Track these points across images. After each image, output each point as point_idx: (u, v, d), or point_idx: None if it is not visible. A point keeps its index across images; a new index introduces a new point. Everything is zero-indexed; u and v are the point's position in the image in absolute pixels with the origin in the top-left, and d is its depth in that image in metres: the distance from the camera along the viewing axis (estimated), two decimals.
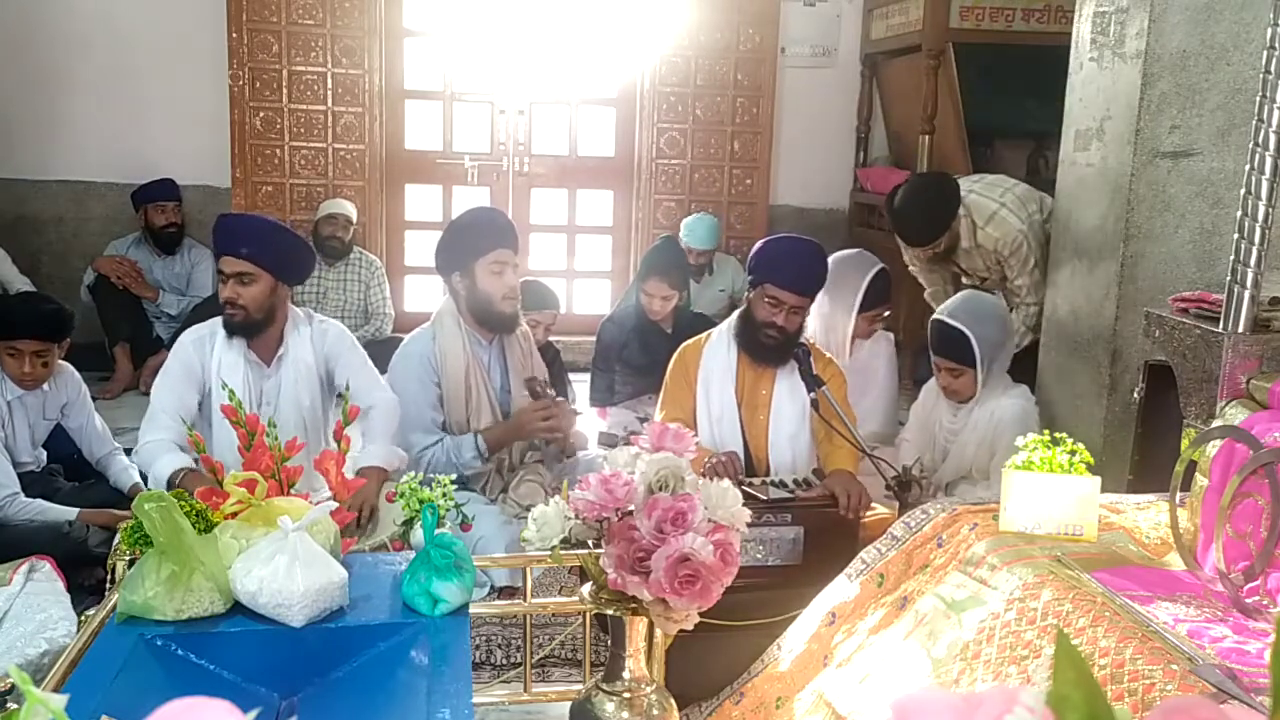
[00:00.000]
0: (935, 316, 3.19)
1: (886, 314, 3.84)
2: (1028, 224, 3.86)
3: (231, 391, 2.14)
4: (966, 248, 3.96)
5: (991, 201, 3.92)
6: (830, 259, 3.37)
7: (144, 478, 3.11)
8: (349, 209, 5.48)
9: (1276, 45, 2.04)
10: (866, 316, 3.80)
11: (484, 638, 2.76)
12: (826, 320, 3.82)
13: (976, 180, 4.12)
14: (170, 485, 2.69)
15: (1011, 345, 3.27)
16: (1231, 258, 2.14)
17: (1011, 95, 5.23)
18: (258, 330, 2.93)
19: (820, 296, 3.27)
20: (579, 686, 2.10)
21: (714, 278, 5.38)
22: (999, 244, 3.88)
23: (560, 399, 3.35)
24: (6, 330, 3.21)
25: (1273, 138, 2.06)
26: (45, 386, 3.31)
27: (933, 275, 4.31)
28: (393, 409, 3.01)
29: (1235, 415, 1.98)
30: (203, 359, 2.92)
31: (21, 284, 4.96)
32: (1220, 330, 2.17)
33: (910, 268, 4.35)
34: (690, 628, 1.65)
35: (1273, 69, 2.04)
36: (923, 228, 3.98)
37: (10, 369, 3.21)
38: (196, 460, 2.85)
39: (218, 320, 2.98)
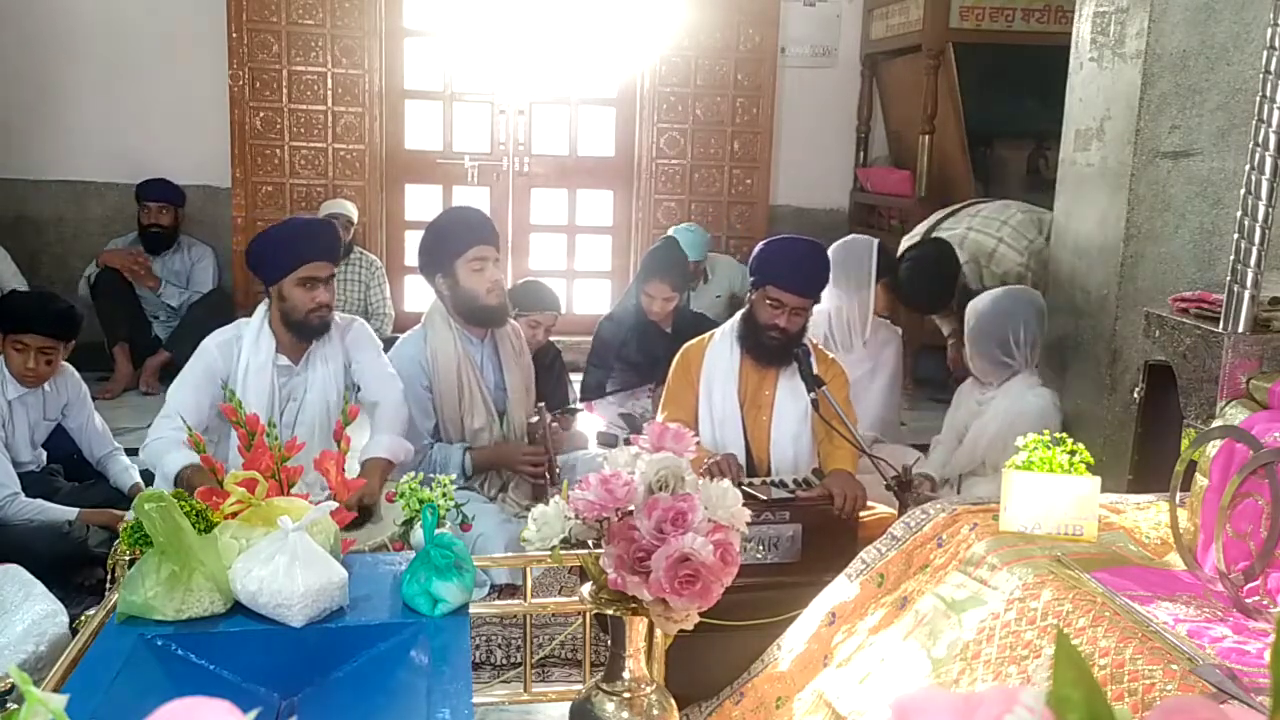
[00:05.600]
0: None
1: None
2: (1027, 254, 3.89)
3: (231, 392, 2.14)
4: (975, 289, 3.97)
5: (989, 238, 3.95)
6: (830, 251, 3.43)
7: (145, 476, 3.11)
8: (349, 209, 5.49)
9: (1276, 45, 2.04)
10: (884, 284, 3.90)
11: (484, 638, 2.76)
12: (844, 308, 3.84)
13: (974, 214, 4.12)
14: (178, 480, 2.71)
15: (1011, 343, 3.27)
16: (1231, 258, 2.14)
17: (1011, 95, 5.23)
18: (326, 328, 2.98)
19: (829, 290, 3.31)
20: (579, 686, 2.10)
21: (709, 285, 5.33)
22: (1004, 278, 3.92)
23: (555, 424, 3.39)
24: (15, 324, 3.22)
25: (1273, 138, 2.05)
26: (46, 386, 3.31)
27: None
28: (402, 403, 3.03)
29: (1235, 415, 1.98)
30: (228, 364, 2.92)
31: (17, 284, 4.95)
32: (1220, 330, 2.17)
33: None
34: (690, 628, 1.65)
35: (1273, 69, 2.04)
36: (931, 299, 4.05)
37: (14, 364, 3.21)
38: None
39: (240, 323, 3.00)
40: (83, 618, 1.75)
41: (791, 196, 6.20)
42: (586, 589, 1.68)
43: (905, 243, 4.23)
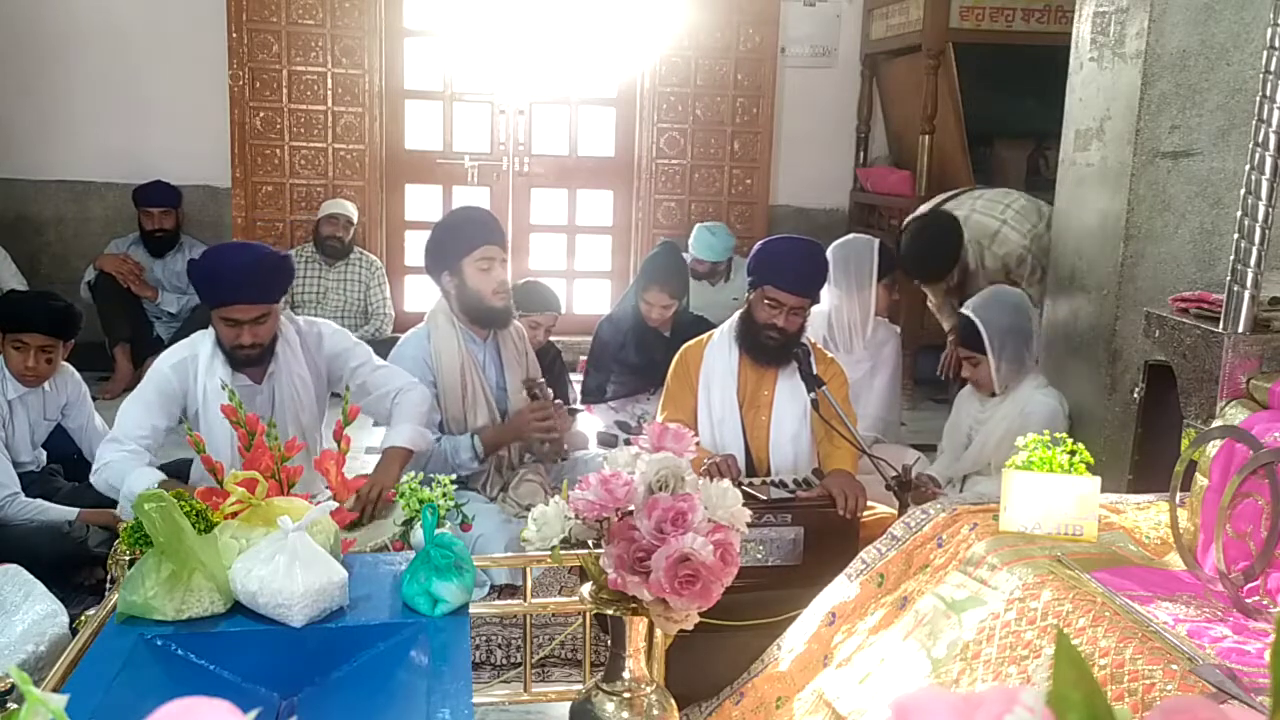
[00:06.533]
0: (960, 310, 3.35)
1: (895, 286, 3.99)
2: (1030, 238, 3.90)
3: (232, 392, 2.14)
4: (974, 269, 3.99)
5: (993, 220, 3.97)
6: (829, 250, 3.43)
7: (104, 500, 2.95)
8: (349, 209, 5.49)
9: (1276, 45, 2.04)
10: (885, 285, 3.91)
11: (484, 638, 2.76)
12: (844, 308, 3.85)
13: (977, 197, 4.13)
14: None
15: (1031, 337, 3.27)
16: (1231, 258, 2.14)
17: (1011, 95, 5.23)
18: (268, 355, 2.86)
19: (828, 288, 3.30)
20: (579, 686, 2.10)
21: (729, 284, 5.28)
22: (1006, 260, 3.93)
23: (558, 401, 3.35)
24: (15, 323, 3.22)
25: (1273, 138, 2.05)
26: (46, 386, 3.31)
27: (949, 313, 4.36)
28: (426, 392, 3.00)
29: (1235, 415, 1.98)
30: (184, 384, 2.82)
31: (17, 284, 4.95)
32: (1220, 330, 2.17)
33: (929, 303, 4.40)
34: (690, 628, 1.65)
35: (1273, 69, 2.04)
36: (932, 266, 4.05)
37: (14, 363, 3.21)
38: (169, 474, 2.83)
39: (196, 339, 2.88)
40: (83, 618, 1.75)
41: (791, 196, 6.20)
42: (586, 589, 1.68)
43: (907, 221, 4.25)
